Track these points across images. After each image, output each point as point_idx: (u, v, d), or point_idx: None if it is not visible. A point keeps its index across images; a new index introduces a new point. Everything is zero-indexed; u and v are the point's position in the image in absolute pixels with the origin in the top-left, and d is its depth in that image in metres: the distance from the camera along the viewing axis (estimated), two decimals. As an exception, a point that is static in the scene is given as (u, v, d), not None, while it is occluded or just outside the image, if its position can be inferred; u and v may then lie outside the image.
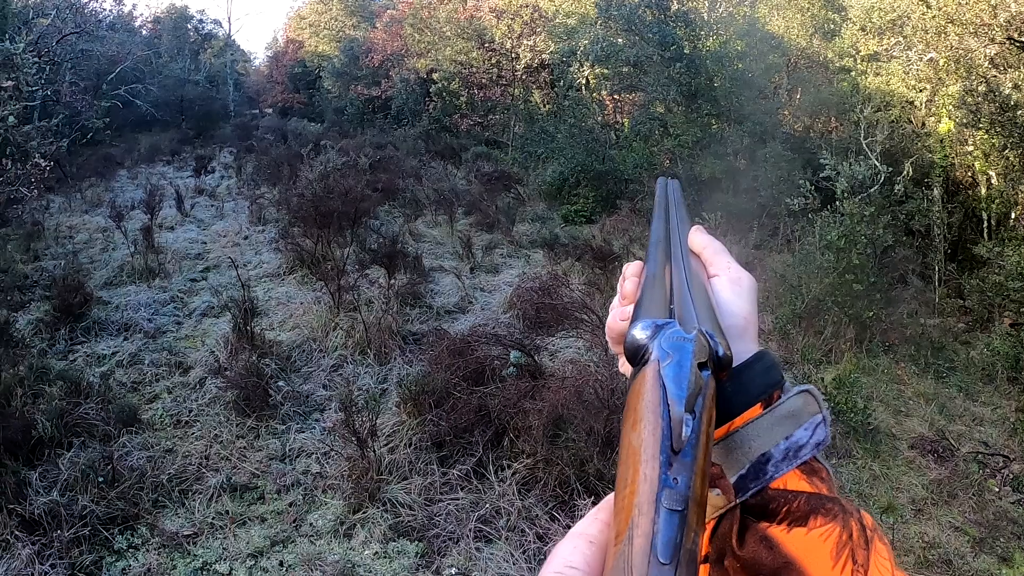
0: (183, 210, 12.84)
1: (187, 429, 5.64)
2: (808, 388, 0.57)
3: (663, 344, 0.47)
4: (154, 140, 23.01)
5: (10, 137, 9.27)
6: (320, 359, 6.73)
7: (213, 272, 9.47)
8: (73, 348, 7.08)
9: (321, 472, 5.05)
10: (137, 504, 4.60)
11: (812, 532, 0.50)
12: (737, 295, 0.65)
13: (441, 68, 21.87)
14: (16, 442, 4.93)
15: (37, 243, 10.77)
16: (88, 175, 16.38)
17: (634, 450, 0.42)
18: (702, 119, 11.92)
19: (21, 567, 3.97)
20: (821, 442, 0.55)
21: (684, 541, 0.37)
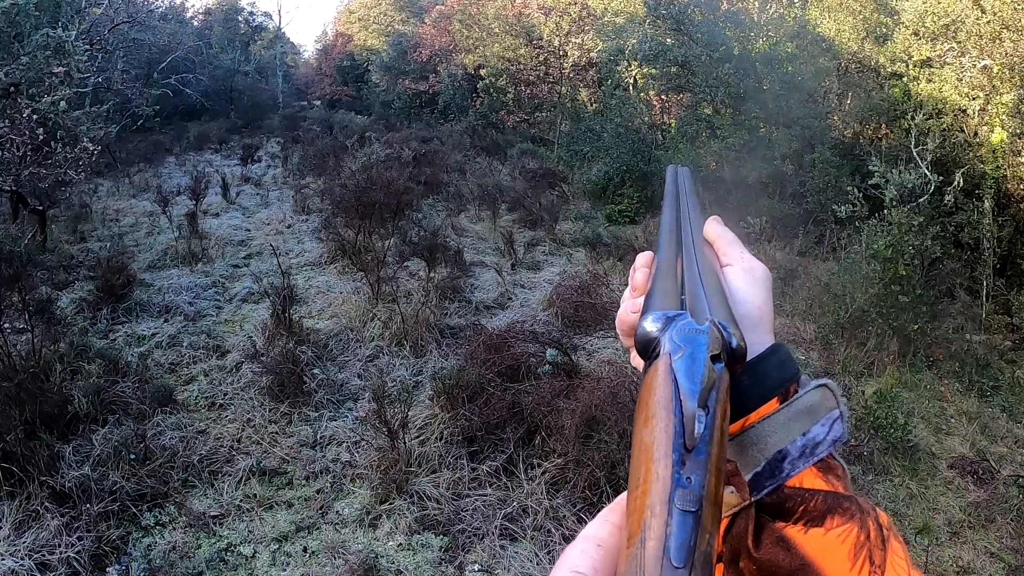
0: (229, 197, 13.08)
1: (221, 412, 5.73)
2: (826, 382, 0.56)
3: (674, 337, 0.46)
4: (203, 128, 23.44)
5: (60, 122, 9.50)
6: (356, 349, 6.78)
7: (255, 259, 9.62)
8: (114, 328, 7.25)
9: (350, 461, 5.09)
10: (167, 483, 4.69)
11: (830, 533, 0.49)
12: (751, 284, 0.63)
13: (489, 64, 21.95)
14: (52, 416, 5.07)
15: (84, 225, 11.07)
16: (137, 161, 16.75)
17: (646, 448, 0.41)
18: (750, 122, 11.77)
19: (49, 537, 4.07)
20: (838, 438, 0.54)
21: (698, 543, 0.36)
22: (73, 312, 7.47)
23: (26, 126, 8.44)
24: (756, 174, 11.16)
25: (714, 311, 0.50)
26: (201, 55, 27.57)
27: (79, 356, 6.25)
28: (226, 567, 4.10)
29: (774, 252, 9.16)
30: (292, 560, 4.13)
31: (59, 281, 8.42)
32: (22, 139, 8.35)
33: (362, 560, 4.02)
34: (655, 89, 15.43)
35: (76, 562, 3.96)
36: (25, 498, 4.31)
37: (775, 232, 10.08)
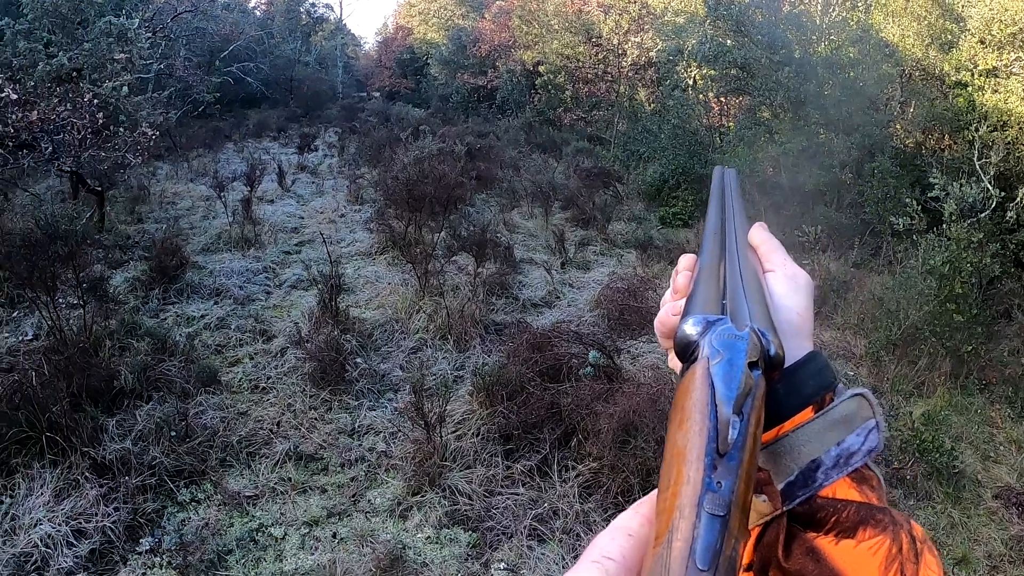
0: (284, 185, 13.32)
1: (263, 395, 5.87)
2: (862, 392, 0.55)
3: (714, 342, 0.47)
4: (262, 116, 23.87)
5: (121, 106, 9.81)
6: (400, 340, 6.87)
7: (307, 246, 9.79)
8: (164, 308, 7.46)
9: (386, 451, 5.17)
10: (205, 461, 4.84)
11: (861, 545, 0.49)
12: (793, 291, 0.63)
13: (547, 61, 21.96)
14: (99, 390, 5.26)
15: (141, 206, 11.40)
16: (197, 146, 17.15)
17: (679, 450, 0.42)
18: (809, 127, 11.53)
19: (87, 506, 4.25)
20: (874, 449, 0.54)
21: (724, 548, 0.37)
22: (126, 291, 7.72)
23: (87, 110, 8.72)
24: (814, 181, 10.95)
25: (754, 317, 0.51)
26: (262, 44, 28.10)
27: (129, 334, 6.46)
28: (255, 547, 4.20)
29: (828, 262, 9.01)
30: (320, 545, 4.22)
31: (114, 260, 8.71)
32: (83, 122, 8.63)
33: (389, 550, 4.09)
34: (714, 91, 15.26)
35: (111, 531, 4.13)
36: (67, 467, 4.50)
37: (831, 242, 9.90)
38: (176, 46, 16.96)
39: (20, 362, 5.63)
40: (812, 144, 11.39)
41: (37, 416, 4.67)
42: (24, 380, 5.02)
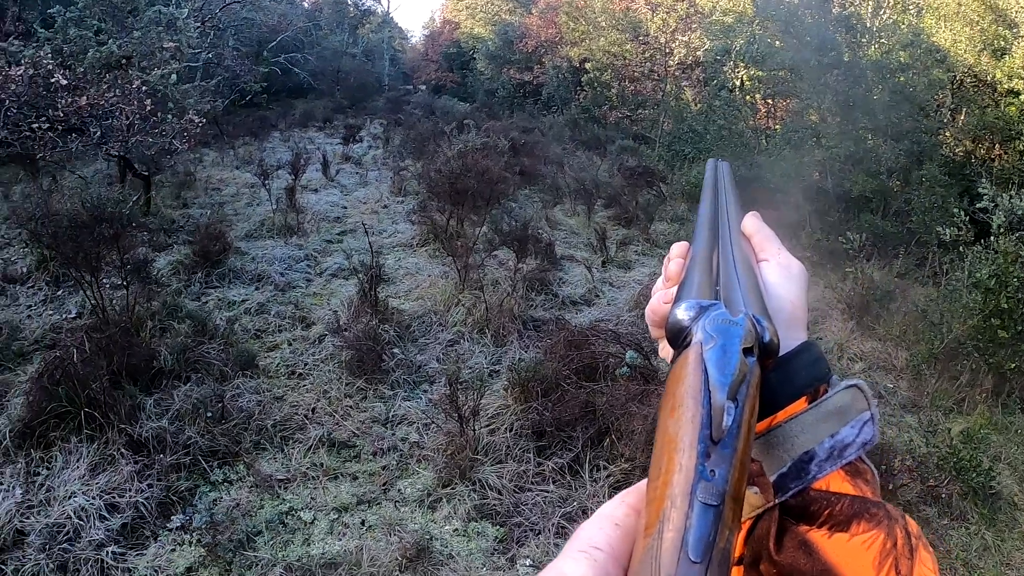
0: (328, 174, 13.47)
1: (299, 381, 5.96)
2: (857, 383, 0.55)
3: (707, 327, 0.46)
4: (308, 107, 24.15)
5: (169, 94, 10.02)
6: (438, 332, 6.92)
7: (349, 236, 9.89)
8: (206, 291, 7.62)
9: (419, 442, 5.21)
10: (239, 443, 4.94)
11: (854, 539, 0.49)
12: (786, 280, 0.63)
13: (594, 58, 21.90)
14: (138, 369, 5.38)
15: (187, 192, 11.62)
16: (243, 134, 17.42)
17: (670, 437, 0.41)
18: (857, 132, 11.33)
19: (121, 481, 4.37)
20: (868, 441, 0.54)
21: (717, 540, 0.36)
22: (169, 273, 7.90)
23: (136, 96, 8.93)
24: (860, 188, 10.78)
25: (748, 304, 0.51)
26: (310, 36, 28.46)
27: (170, 315, 6.60)
28: (284, 529, 4.27)
29: (872, 271, 8.86)
30: (349, 531, 4.27)
31: (158, 243, 8.90)
32: (131, 108, 8.83)
33: (416, 540, 4.12)
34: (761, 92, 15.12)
35: (143, 507, 4.23)
36: (103, 443, 4.62)
37: (875, 250, 9.75)
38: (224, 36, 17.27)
39: (63, 339, 5.78)
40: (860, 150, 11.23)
41: (77, 392, 4.80)
42: (66, 356, 5.14)
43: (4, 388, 5.59)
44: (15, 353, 6.18)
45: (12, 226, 9.20)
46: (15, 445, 4.77)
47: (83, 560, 3.92)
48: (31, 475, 4.53)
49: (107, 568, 3.91)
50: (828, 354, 7.03)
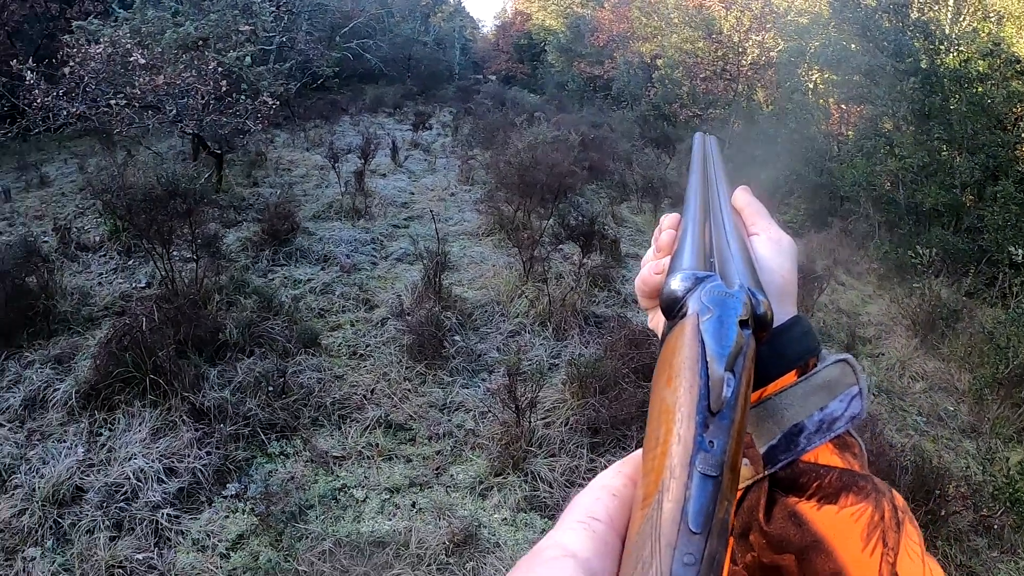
0: (397, 160, 13.60)
1: (360, 361, 6.07)
2: (846, 357, 0.56)
3: (703, 298, 0.46)
4: (379, 92, 24.38)
5: (243, 75, 10.28)
6: (500, 322, 6.96)
7: (415, 222, 9.98)
8: (273, 269, 7.79)
9: (474, 430, 5.25)
10: (298, 418, 5.07)
11: (843, 511, 0.50)
12: (777, 253, 0.64)
13: (666, 55, 21.69)
14: (204, 340, 5.55)
15: (258, 171, 11.88)
16: (314, 117, 17.69)
17: (667, 408, 0.41)
18: (931, 143, 10.98)
19: (181, 447, 4.56)
20: (856, 415, 0.54)
21: (717, 510, 0.36)
22: (237, 250, 8.11)
23: (211, 77, 9.20)
24: (932, 200, 10.46)
25: (743, 276, 0.51)
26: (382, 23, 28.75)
27: (237, 290, 6.80)
28: (336, 505, 4.37)
29: (940, 288, 8.61)
30: (399, 512, 4.34)
31: (228, 220, 9.13)
32: (206, 88, 9.11)
33: (465, 526, 4.17)
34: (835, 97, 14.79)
35: (200, 473, 4.39)
36: (166, 409, 4.81)
37: (944, 266, 9.49)
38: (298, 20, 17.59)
39: (132, 307, 5.99)
40: (933, 161, 10.90)
41: (143, 359, 4.99)
42: (135, 324, 5.33)
43: (72, 351, 5.82)
44: (85, 318, 6.43)
45: (87, 196, 9.57)
46: (80, 406, 5.00)
47: (138, 520, 4.08)
48: (93, 435, 4.74)
49: (161, 529, 4.06)
50: (889, 371, 6.90)
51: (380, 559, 3.93)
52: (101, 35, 9.22)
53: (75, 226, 8.69)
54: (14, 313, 6.01)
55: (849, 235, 11.35)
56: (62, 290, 6.70)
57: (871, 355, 7.19)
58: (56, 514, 4.12)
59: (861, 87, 12.96)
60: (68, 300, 6.60)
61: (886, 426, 5.60)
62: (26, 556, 3.87)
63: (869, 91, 12.60)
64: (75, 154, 12.95)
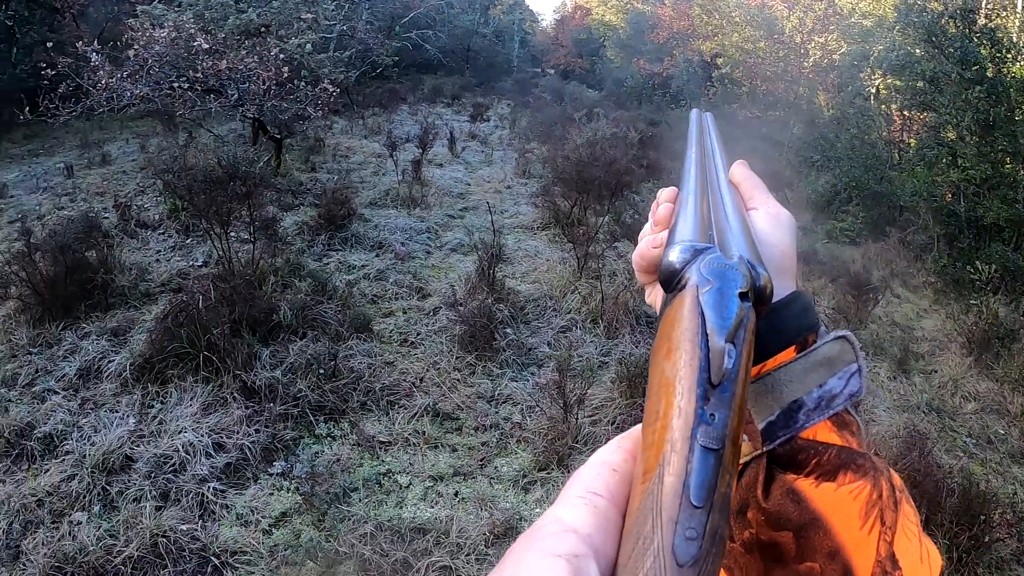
0: (454, 151, 13.68)
1: (411, 349, 6.12)
2: (845, 334, 0.56)
3: (702, 270, 0.45)
4: (437, 83, 24.55)
5: (304, 62, 10.45)
6: (551, 317, 6.95)
7: (470, 213, 10.04)
8: (328, 253, 7.90)
9: (521, 423, 5.25)
10: (347, 401, 5.13)
11: (841, 488, 0.50)
12: (775, 228, 0.63)
13: (726, 54, 21.39)
14: (258, 320, 5.66)
15: (316, 157, 12.05)
16: (372, 105, 17.88)
17: (667, 381, 0.40)
18: (995, 155, 10.62)
19: (230, 423, 4.67)
20: (855, 393, 0.54)
21: (719, 484, 0.36)
22: (294, 233, 8.24)
23: (273, 63, 9.37)
24: (994, 215, 10.12)
25: (743, 249, 0.50)
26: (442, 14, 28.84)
27: (292, 273, 6.92)
28: (380, 490, 4.42)
29: (998, 306, 8.34)
30: (441, 500, 4.37)
31: (286, 204, 9.28)
32: (268, 74, 9.27)
33: (506, 518, 4.18)
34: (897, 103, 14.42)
35: (248, 449, 4.48)
36: (218, 385, 4.92)
37: (1003, 284, 9.19)
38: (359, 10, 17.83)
39: (189, 284, 6.14)
40: (997, 174, 10.55)
41: (198, 335, 5.11)
42: (191, 301, 5.47)
43: (129, 324, 5.99)
44: (142, 293, 6.60)
45: (148, 176, 9.81)
46: (133, 378, 5.15)
47: (185, 491, 4.19)
48: (145, 407, 4.88)
49: (207, 501, 4.16)
50: (941, 389, 6.75)
51: (420, 545, 3.96)
52: (165, 19, 9.44)
53: (135, 204, 8.92)
54: (73, 285, 6.21)
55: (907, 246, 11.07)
56: (121, 265, 6.89)
57: (923, 371, 7.02)
58: (104, 481, 4.25)
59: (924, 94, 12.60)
60: (126, 275, 6.79)
61: (935, 445, 5.48)
62: (73, 520, 3.99)
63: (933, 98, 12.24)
64: (137, 134, 13.27)
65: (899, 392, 6.39)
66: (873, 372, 6.60)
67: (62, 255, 6.43)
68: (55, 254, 6.46)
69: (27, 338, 5.83)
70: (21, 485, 4.24)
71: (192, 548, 3.86)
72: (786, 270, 0.60)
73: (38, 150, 13.15)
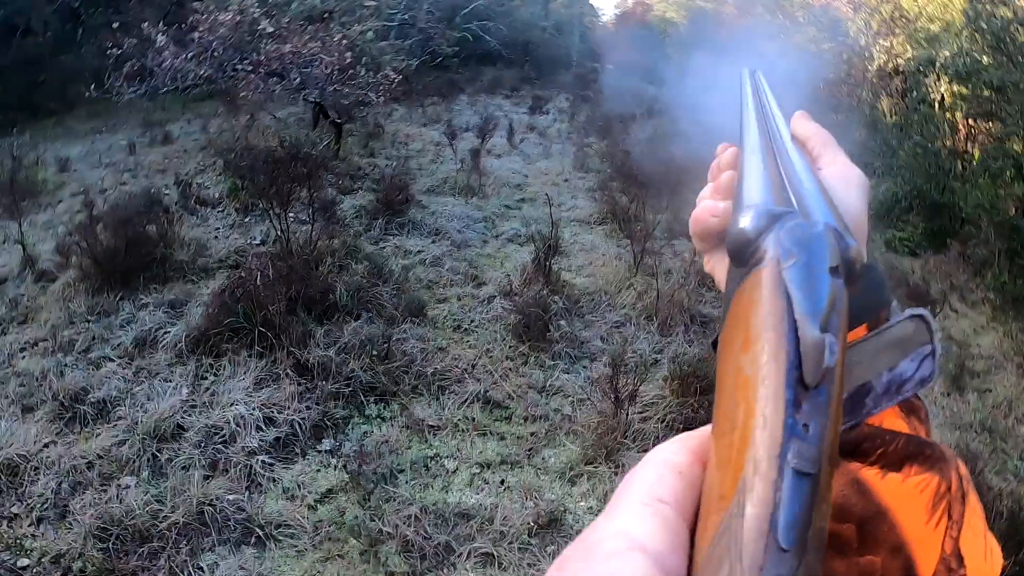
0: (512, 142, 13.66)
1: (464, 335, 6.13)
2: (922, 313, 0.52)
3: (784, 240, 0.37)
4: (497, 74, 24.65)
5: (366, 49, 10.54)
6: (606, 312, 6.91)
7: (528, 204, 10.01)
8: (385, 238, 7.95)
9: (571, 416, 5.22)
10: (398, 384, 5.16)
11: (908, 480, 0.47)
12: (847, 189, 0.57)
13: (789, 55, 21.08)
14: (314, 300, 5.73)
15: (375, 143, 12.13)
16: (431, 94, 17.92)
17: (745, 380, 0.34)
18: None
19: (282, 399, 4.75)
20: (927, 378, 0.50)
21: (814, 518, 0.29)
22: (352, 216, 8.31)
23: (335, 49, 9.46)
24: None
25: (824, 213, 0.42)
26: (503, 6, 28.83)
27: (349, 255, 6.98)
28: (426, 473, 4.44)
29: None
30: (487, 487, 4.37)
31: (344, 187, 9.35)
32: (331, 59, 9.37)
33: (551, 509, 4.16)
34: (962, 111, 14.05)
35: (298, 425, 4.56)
36: (272, 361, 5.00)
37: None
38: (420, 0, 17.93)
39: (247, 261, 6.24)
40: None
41: (254, 311, 5.19)
42: (249, 278, 5.55)
43: (186, 297, 6.11)
44: (200, 268, 6.72)
45: (208, 155, 10.00)
46: (188, 349, 5.26)
47: (233, 463, 4.27)
48: (199, 378, 4.98)
49: (254, 474, 4.23)
50: (995, 409, 6.57)
51: (463, 531, 3.97)
52: (230, 3, 9.59)
53: (196, 182, 9.07)
54: (133, 258, 6.35)
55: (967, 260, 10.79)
56: (180, 240, 7.03)
57: (978, 389, 6.84)
58: (155, 448, 4.35)
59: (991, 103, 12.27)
60: (185, 250, 6.92)
61: (985, 467, 5.34)
62: (121, 484, 4.09)
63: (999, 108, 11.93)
64: (199, 115, 13.52)
65: (952, 409, 6.24)
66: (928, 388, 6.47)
67: (123, 228, 6.58)
68: (116, 227, 6.62)
69: (85, 306, 5.99)
70: (72, 447, 4.36)
71: (237, 518, 3.92)
72: (858, 236, 0.52)
73: (101, 127, 13.47)
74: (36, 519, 3.89)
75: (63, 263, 6.69)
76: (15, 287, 6.57)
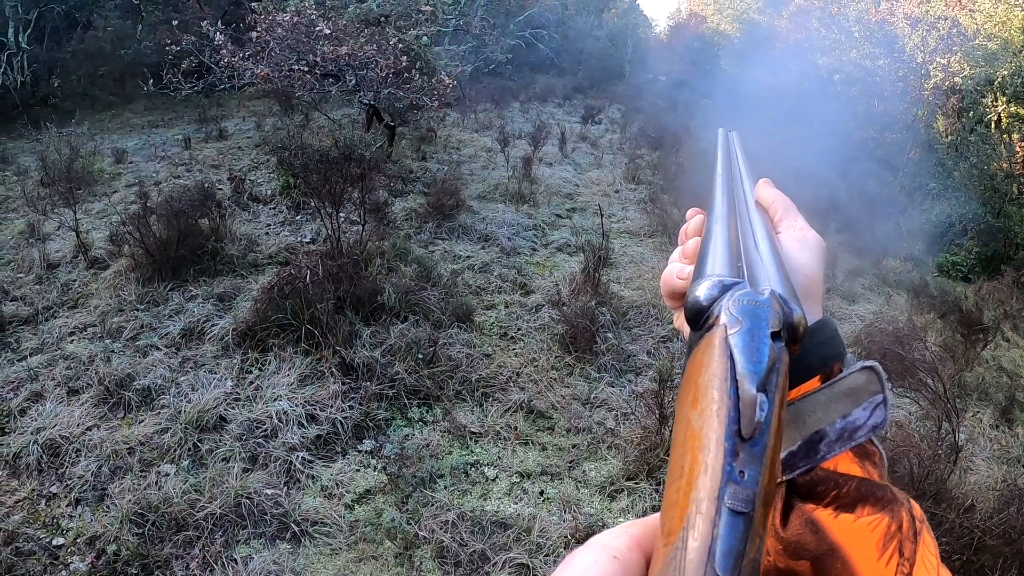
0: (564, 151, 13.66)
1: (510, 343, 6.11)
2: (872, 364, 0.55)
3: (731, 308, 0.43)
4: (549, 82, 24.62)
5: (421, 54, 10.62)
6: (653, 326, 6.85)
7: (578, 214, 9.99)
8: (435, 242, 7.99)
9: (614, 429, 5.18)
10: (442, 388, 5.16)
11: (860, 520, 0.50)
12: (801, 251, 0.62)
13: (843, 70, 20.74)
14: (362, 300, 5.75)
15: (427, 147, 12.23)
16: (484, 100, 18.07)
17: (693, 433, 0.38)
18: None
19: (326, 396, 4.76)
20: (879, 425, 0.54)
21: (748, 549, 0.33)
22: (402, 218, 8.37)
23: (391, 52, 9.54)
24: None
25: (774, 282, 0.49)
26: (557, 14, 28.98)
27: (398, 257, 7.02)
28: (466, 479, 4.42)
29: None
30: (526, 497, 4.34)
31: (396, 189, 9.44)
32: (386, 63, 9.45)
33: (589, 523, 4.11)
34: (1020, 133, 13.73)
35: (340, 424, 4.57)
36: (317, 359, 5.02)
37: None
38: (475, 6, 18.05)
39: (297, 259, 6.27)
40: None
41: (302, 308, 5.22)
42: (298, 275, 5.59)
43: (235, 291, 6.17)
44: (250, 263, 6.79)
45: (262, 152, 10.13)
46: (234, 342, 5.32)
47: (273, 458, 4.29)
48: (243, 372, 5.02)
49: (293, 470, 4.25)
50: None
51: (499, 540, 3.94)
52: (288, 5, 9.73)
53: (249, 178, 9.20)
54: (184, 250, 6.45)
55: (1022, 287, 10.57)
56: (231, 235, 7.12)
57: (1027, 422, 6.67)
58: (196, 438, 4.40)
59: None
60: (236, 245, 7.00)
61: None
62: (161, 471, 4.14)
63: (1056, 130, 11.70)
64: (253, 113, 13.74)
65: (1000, 442, 6.09)
66: (976, 418, 6.34)
67: (176, 220, 6.67)
68: (169, 218, 6.71)
69: (135, 295, 6.09)
70: (114, 432, 4.43)
71: (274, 513, 3.93)
72: (812, 296, 0.60)
73: (157, 121, 13.77)
74: (74, 500, 3.96)
75: (115, 252, 6.81)
76: (67, 272, 6.70)
